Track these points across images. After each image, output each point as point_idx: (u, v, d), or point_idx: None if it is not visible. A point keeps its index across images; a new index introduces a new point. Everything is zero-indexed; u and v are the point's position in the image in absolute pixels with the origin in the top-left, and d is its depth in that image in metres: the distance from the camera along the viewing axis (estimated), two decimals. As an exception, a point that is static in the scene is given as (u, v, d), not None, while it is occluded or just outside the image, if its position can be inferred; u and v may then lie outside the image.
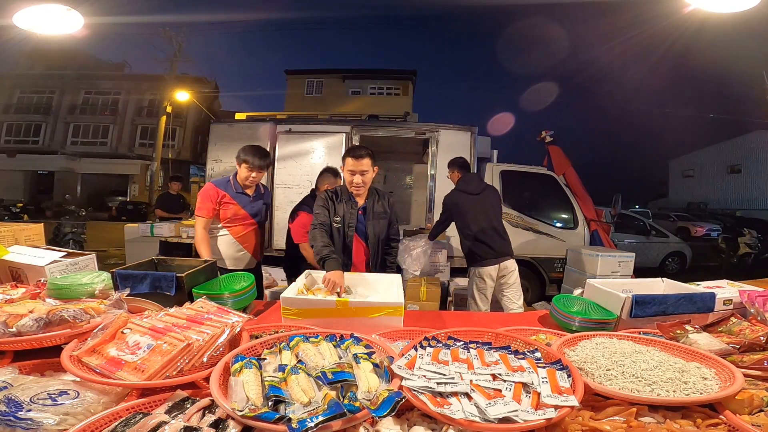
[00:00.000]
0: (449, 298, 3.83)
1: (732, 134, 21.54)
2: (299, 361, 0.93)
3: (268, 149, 4.47)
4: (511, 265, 2.92)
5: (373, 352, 0.97)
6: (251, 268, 2.42)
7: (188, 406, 0.81)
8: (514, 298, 2.94)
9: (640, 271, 4.33)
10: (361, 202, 2.22)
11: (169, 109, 13.74)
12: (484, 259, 2.87)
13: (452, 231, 4.49)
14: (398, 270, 2.70)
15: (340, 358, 0.96)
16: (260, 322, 1.44)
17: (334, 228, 2.14)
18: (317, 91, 20.57)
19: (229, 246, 2.38)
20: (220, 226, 2.36)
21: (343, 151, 4.53)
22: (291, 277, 2.83)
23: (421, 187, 5.20)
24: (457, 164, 3.14)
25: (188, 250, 5.46)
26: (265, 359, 0.95)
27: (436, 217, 4.61)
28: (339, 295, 1.66)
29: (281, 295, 1.41)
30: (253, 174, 2.32)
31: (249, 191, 2.41)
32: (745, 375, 0.92)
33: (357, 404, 0.75)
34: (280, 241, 4.48)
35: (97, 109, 21.20)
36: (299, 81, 20.70)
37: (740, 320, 1.29)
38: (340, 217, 2.14)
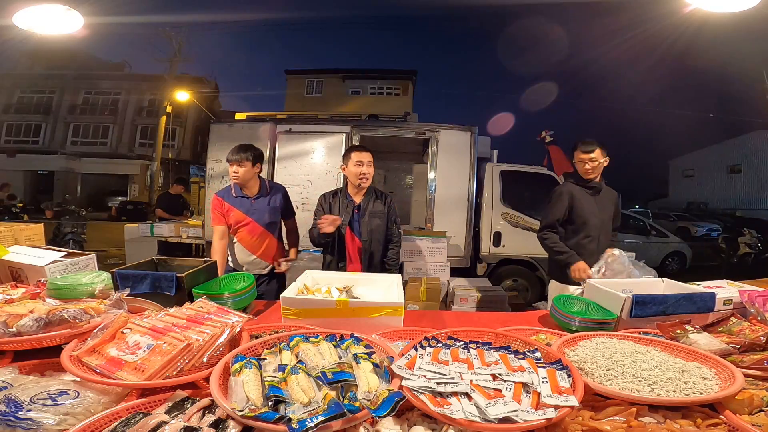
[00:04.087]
0: (449, 298, 3.83)
1: (732, 134, 21.52)
2: (299, 361, 0.93)
3: (267, 149, 4.53)
4: None
5: (373, 352, 0.97)
6: (268, 272, 2.41)
7: (188, 406, 0.81)
8: None
9: (640, 271, 4.32)
10: (357, 200, 2.29)
11: (169, 109, 13.75)
12: None
13: (452, 231, 4.53)
14: (399, 270, 2.72)
15: (340, 358, 0.96)
16: (260, 322, 1.44)
17: None
18: (317, 91, 20.53)
19: (241, 252, 2.40)
20: (233, 236, 2.40)
21: (343, 151, 4.57)
22: None
23: (421, 187, 5.20)
24: None
25: (188, 250, 5.47)
26: (265, 359, 0.95)
27: (437, 216, 4.64)
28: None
29: (281, 295, 1.41)
30: (234, 168, 2.29)
31: (248, 192, 2.36)
32: (745, 375, 0.92)
33: (357, 404, 0.75)
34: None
35: (97, 109, 21.20)
36: (299, 81, 20.67)
37: (740, 320, 1.29)
38: (336, 216, 2.20)
